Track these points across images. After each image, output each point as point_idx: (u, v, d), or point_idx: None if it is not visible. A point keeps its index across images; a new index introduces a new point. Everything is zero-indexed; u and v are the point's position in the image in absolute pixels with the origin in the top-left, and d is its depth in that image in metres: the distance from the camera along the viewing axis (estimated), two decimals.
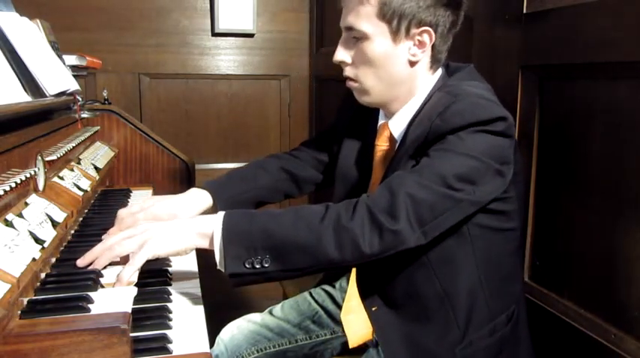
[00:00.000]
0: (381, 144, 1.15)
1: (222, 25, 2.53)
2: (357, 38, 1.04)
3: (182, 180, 1.88)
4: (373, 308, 1.10)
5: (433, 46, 1.05)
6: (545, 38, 1.25)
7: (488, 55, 1.46)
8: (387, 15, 1.00)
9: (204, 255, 1.16)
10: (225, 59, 2.62)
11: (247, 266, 0.89)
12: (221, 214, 0.94)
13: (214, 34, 2.57)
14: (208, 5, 2.54)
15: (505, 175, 0.98)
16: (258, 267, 0.89)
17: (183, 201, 1.20)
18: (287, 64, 2.73)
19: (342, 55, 1.08)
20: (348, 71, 1.09)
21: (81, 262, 0.96)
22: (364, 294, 1.13)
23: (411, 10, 1.00)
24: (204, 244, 0.95)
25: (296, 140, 2.79)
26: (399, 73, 1.06)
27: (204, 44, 2.57)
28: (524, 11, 1.32)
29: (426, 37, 1.03)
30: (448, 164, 0.93)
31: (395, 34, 1.02)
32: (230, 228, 0.92)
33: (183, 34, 2.54)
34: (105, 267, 0.96)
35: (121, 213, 1.15)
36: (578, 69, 1.19)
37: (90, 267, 0.96)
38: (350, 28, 1.04)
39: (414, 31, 1.02)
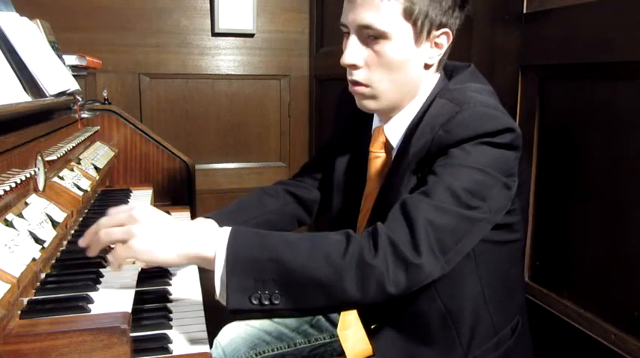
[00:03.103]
0: (376, 151, 1.09)
1: (222, 25, 2.54)
2: (374, 37, 0.95)
3: (182, 180, 1.88)
4: (372, 327, 1.04)
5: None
6: (545, 38, 1.25)
7: (489, 55, 1.45)
8: (413, 14, 0.93)
9: None
10: (225, 59, 2.62)
11: (254, 301, 0.78)
12: (226, 233, 0.83)
13: (214, 34, 2.57)
14: (208, 5, 2.54)
15: (511, 188, 0.93)
16: (266, 303, 0.78)
17: None
18: (287, 64, 2.73)
19: (353, 57, 0.97)
20: (359, 75, 0.98)
21: (82, 242, 0.89)
22: (362, 313, 1.07)
23: (435, 12, 0.94)
24: (201, 265, 0.85)
25: (296, 140, 2.79)
26: (414, 76, 1.00)
27: (204, 44, 2.57)
28: (524, 11, 1.31)
29: (444, 39, 0.98)
30: (457, 180, 0.87)
31: (418, 35, 0.95)
32: (236, 252, 0.80)
33: (183, 34, 2.54)
34: (105, 267, 0.96)
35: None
36: (578, 69, 1.19)
37: (85, 254, 0.91)
38: (367, 27, 0.94)
39: (434, 32, 0.96)
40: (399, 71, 0.97)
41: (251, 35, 2.62)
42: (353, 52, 0.97)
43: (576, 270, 1.24)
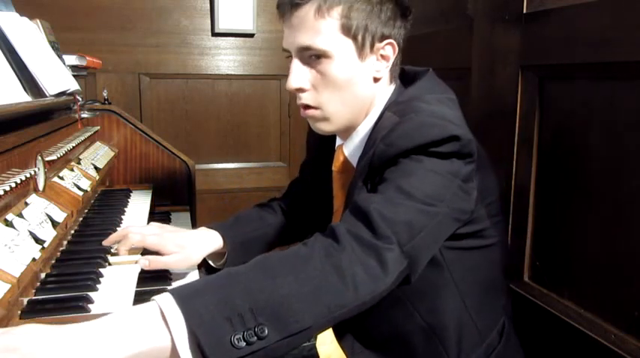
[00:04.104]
0: (338, 169, 1.08)
1: (222, 25, 2.53)
2: (317, 58, 0.94)
3: (182, 180, 1.88)
4: (354, 355, 1.01)
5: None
6: (545, 38, 1.25)
7: (489, 55, 1.45)
8: (352, 29, 0.92)
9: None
10: (225, 59, 2.62)
11: (238, 343, 0.61)
12: (163, 300, 0.63)
13: (214, 34, 2.57)
14: (208, 5, 2.54)
15: (470, 193, 0.89)
16: (253, 339, 0.62)
17: (193, 237, 1.09)
18: (287, 64, 2.72)
19: (298, 80, 0.95)
20: (307, 98, 0.97)
21: None
22: (341, 338, 1.04)
23: (374, 24, 0.93)
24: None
25: (296, 140, 2.79)
26: (364, 92, 0.97)
27: (204, 44, 2.57)
28: (524, 11, 1.32)
29: (389, 50, 0.96)
30: (408, 182, 0.82)
31: (361, 49, 0.94)
32: (193, 304, 0.63)
33: (183, 34, 2.54)
34: (105, 267, 0.96)
35: (131, 228, 1.06)
36: (578, 69, 1.19)
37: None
38: (307, 48, 0.93)
39: (377, 45, 0.95)
40: (347, 89, 0.95)
41: (251, 35, 2.62)
42: (297, 75, 0.95)
43: (576, 270, 1.24)
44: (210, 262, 1.17)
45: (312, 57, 0.94)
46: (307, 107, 0.99)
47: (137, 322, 0.62)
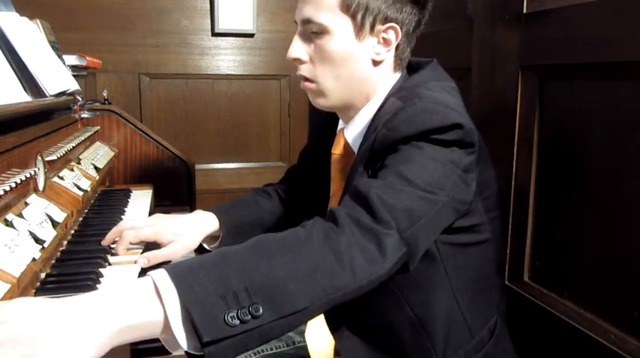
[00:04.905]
0: (338, 153, 1.08)
1: (222, 25, 2.54)
2: (316, 33, 0.95)
3: (182, 180, 1.88)
4: (342, 341, 1.02)
5: (397, 46, 0.97)
6: (545, 38, 1.25)
7: (489, 55, 1.46)
8: (351, 7, 0.92)
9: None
10: (225, 59, 2.62)
11: (232, 321, 0.61)
12: (159, 275, 0.63)
13: (214, 34, 2.57)
14: (208, 5, 2.54)
15: (470, 185, 0.89)
16: (247, 318, 0.62)
17: (189, 222, 1.09)
18: (287, 64, 2.70)
19: (297, 51, 0.98)
20: (304, 70, 0.99)
21: None
22: (332, 325, 1.05)
23: (377, 4, 0.93)
24: (142, 335, 0.62)
25: (296, 140, 2.79)
26: (361, 73, 0.97)
27: (204, 44, 2.57)
28: (524, 11, 1.32)
29: (391, 35, 0.95)
30: (409, 168, 0.82)
31: (359, 29, 0.94)
32: (188, 281, 0.63)
33: (183, 34, 2.54)
34: (105, 267, 0.96)
35: (125, 224, 1.06)
36: (578, 69, 1.19)
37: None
38: (308, 21, 0.95)
39: (379, 27, 0.94)
40: (342, 66, 0.96)
41: (251, 35, 2.62)
42: (297, 46, 0.98)
43: (576, 270, 1.24)
44: (204, 244, 1.17)
45: (314, 31, 0.96)
46: (304, 80, 1.01)
47: (131, 295, 0.62)
